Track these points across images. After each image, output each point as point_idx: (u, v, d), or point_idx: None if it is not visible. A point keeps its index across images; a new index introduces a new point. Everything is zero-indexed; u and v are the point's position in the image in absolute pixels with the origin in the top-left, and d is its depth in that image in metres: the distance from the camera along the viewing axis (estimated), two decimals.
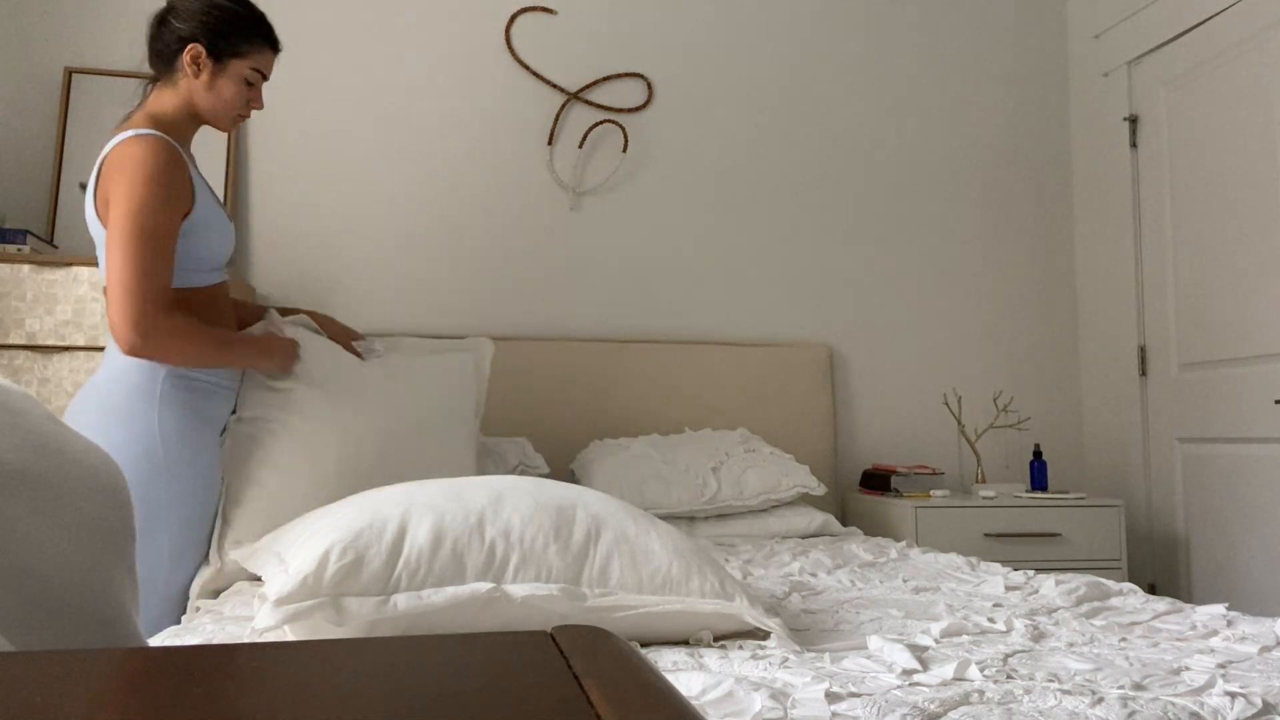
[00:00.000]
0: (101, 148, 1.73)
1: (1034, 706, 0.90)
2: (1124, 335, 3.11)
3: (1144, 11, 3.03)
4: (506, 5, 2.97)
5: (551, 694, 0.34)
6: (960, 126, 3.27)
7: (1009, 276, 3.27)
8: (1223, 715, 0.88)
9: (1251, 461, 2.66)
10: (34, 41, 2.66)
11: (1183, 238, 2.92)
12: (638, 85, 3.03)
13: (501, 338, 2.81)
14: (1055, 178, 3.34)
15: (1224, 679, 1.00)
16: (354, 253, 2.81)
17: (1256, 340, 2.65)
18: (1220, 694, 0.93)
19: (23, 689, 0.33)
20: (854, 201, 3.17)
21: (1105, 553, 2.70)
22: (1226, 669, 1.05)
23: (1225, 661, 1.08)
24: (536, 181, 2.95)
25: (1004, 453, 3.17)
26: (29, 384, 2.18)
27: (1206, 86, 2.83)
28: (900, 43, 3.25)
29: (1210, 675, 0.99)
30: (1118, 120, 3.14)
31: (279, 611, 1.01)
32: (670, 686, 0.36)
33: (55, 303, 2.20)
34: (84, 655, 0.38)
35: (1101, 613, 1.41)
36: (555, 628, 0.45)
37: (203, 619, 1.50)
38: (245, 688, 0.35)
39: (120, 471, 0.66)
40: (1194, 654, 1.12)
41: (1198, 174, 2.86)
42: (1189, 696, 0.93)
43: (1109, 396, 3.17)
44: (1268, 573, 2.61)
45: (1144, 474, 3.03)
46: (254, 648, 0.41)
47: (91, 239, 2.57)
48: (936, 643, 1.17)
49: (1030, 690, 0.95)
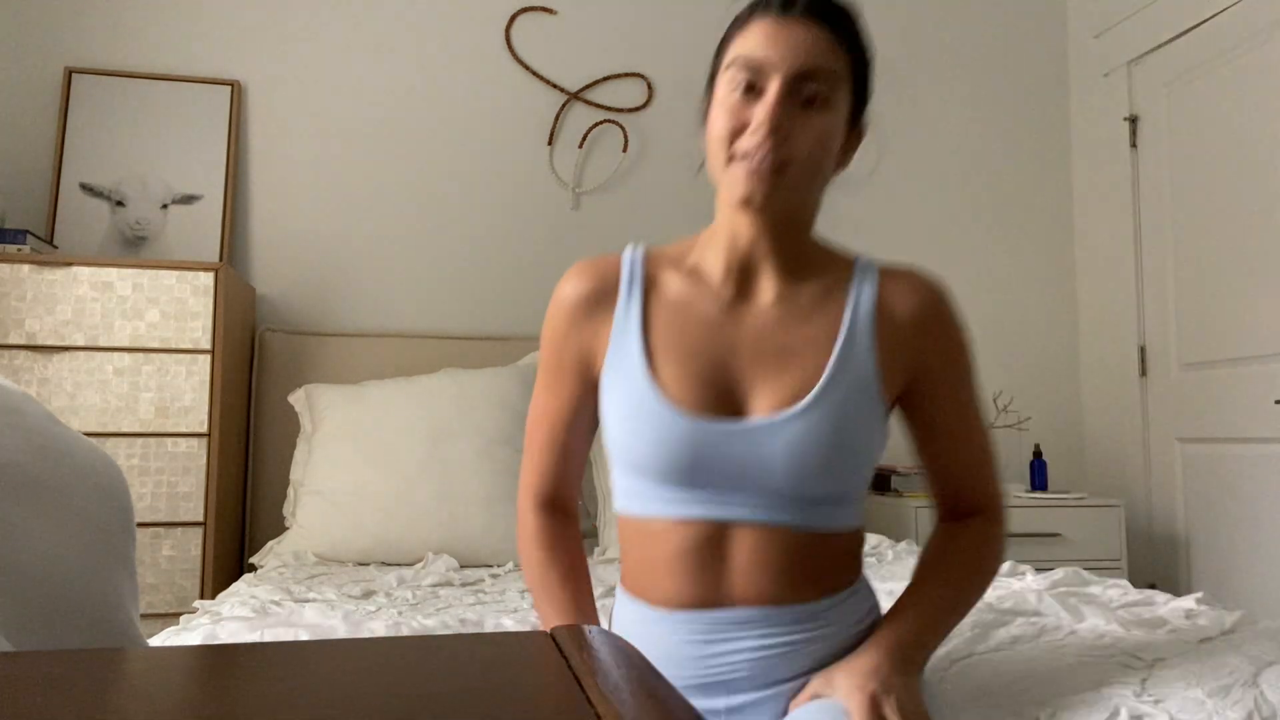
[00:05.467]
0: (101, 147, 1.69)
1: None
2: (1124, 335, 3.11)
3: (1144, 11, 3.03)
4: (506, 5, 2.97)
5: (551, 694, 0.34)
6: (960, 126, 3.27)
7: (1009, 277, 3.26)
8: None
9: (1251, 461, 2.66)
10: (34, 41, 2.66)
11: (1183, 238, 2.91)
12: (638, 85, 3.03)
13: (502, 337, 2.80)
14: (1055, 178, 3.34)
15: (1144, 686, 0.99)
16: (354, 252, 2.81)
17: (1256, 340, 2.65)
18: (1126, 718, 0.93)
19: (23, 689, 0.33)
20: (853, 201, 3.16)
21: (1105, 553, 2.70)
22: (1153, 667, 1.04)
23: (1156, 659, 1.07)
24: (537, 181, 2.95)
25: (1004, 453, 3.16)
26: (29, 384, 2.18)
27: (1206, 86, 2.83)
28: (900, 42, 3.24)
29: (1114, 706, 0.96)
30: (1118, 120, 3.14)
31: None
32: (670, 687, 0.36)
33: (55, 303, 2.20)
34: (84, 655, 0.38)
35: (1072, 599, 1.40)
36: (555, 628, 0.45)
37: (202, 619, 1.50)
38: (245, 688, 0.35)
39: (120, 472, 0.66)
40: (1130, 651, 1.11)
41: (1198, 174, 2.86)
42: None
43: (1109, 396, 3.17)
44: (1268, 573, 2.61)
45: (1144, 474, 3.03)
46: (254, 648, 0.41)
47: (91, 239, 2.57)
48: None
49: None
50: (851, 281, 1.01)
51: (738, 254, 1.00)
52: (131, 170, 2.63)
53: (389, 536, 2.18)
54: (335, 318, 2.77)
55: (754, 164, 0.91)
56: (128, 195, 2.62)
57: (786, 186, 0.93)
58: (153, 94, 2.69)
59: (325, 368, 2.62)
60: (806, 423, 0.92)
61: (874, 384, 0.96)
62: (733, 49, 0.97)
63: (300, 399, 2.44)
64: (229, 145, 2.72)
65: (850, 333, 0.97)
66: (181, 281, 2.27)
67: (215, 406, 2.25)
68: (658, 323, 0.99)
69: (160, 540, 2.20)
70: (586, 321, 1.03)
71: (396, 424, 2.31)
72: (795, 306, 0.98)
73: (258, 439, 2.57)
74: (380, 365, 2.64)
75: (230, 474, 2.40)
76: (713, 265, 1.00)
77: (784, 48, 0.92)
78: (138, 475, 2.20)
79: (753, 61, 0.93)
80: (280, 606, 1.58)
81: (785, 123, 0.91)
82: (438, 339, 2.74)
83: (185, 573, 2.21)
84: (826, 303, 0.99)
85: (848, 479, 0.95)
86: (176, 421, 2.23)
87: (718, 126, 0.96)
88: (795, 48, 0.92)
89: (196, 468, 2.23)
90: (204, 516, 2.23)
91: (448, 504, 2.20)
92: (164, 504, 2.21)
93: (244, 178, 2.76)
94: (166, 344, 2.25)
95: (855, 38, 0.98)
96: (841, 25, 0.96)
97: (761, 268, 1.00)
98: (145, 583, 2.19)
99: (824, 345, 0.96)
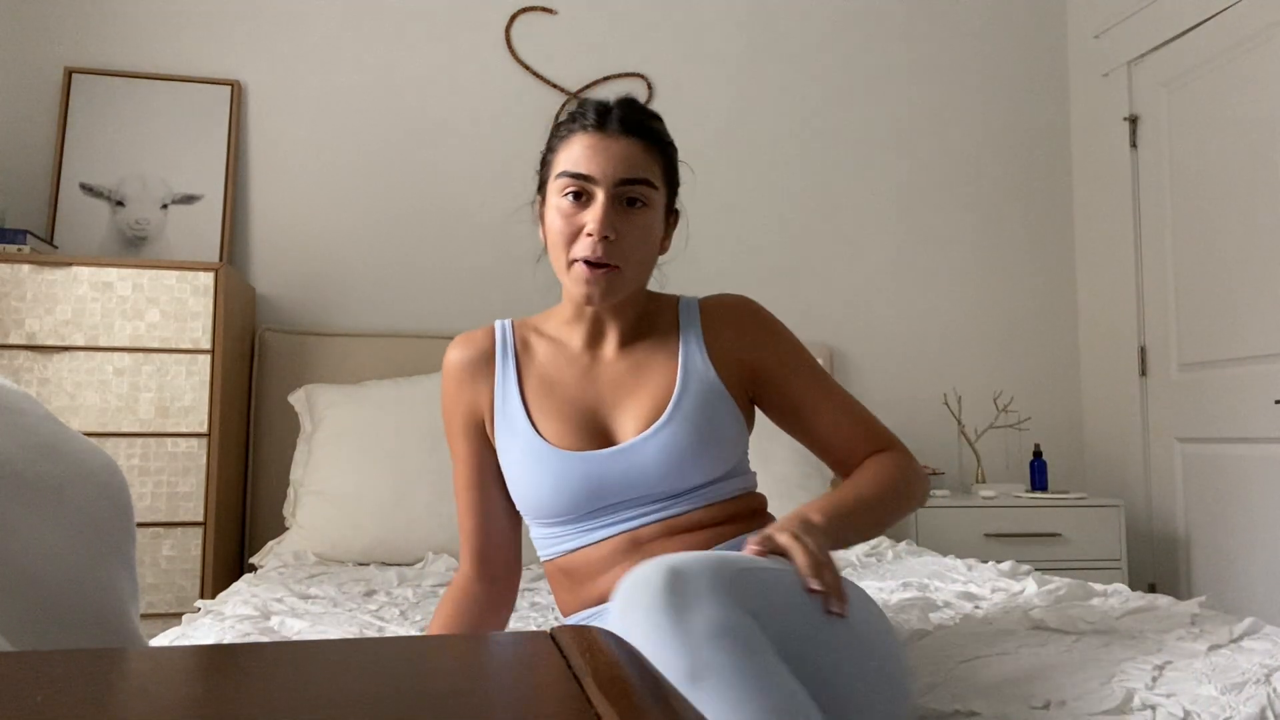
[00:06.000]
0: (101, 147, 1.68)
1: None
2: (1124, 335, 3.11)
3: (1144, 11, 3.03)
4: (506, 5, 2.97)
5: (551, 694, 0.34)
6: (960, 126, 3.27)
7: (1009, 276, 3.26)
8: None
9: (1251, 461, 2.66)
10: (34, 41, 2.66)
11: (1183, 238, 2.91)
12: (638, 85, 3.03)
13: None
14: (1055, 178, 3.34)
15: (1154, 683, 0.98)
16: (354, 252, 2.81)
17: (1256, 340, 2.65)
18: (1140, 707, 0.92)
19: (23, 689, 0.33)
20: (853, 201, 3.17)
21: (1105, 553, 2.70)
22: (1163, 670, 1.03)
23: (1164, 662, 1.06)
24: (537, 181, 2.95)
25: (1004, 453, 3.17)
26: (29, 384, 2.18)
27: (1206, 86, 2.83)
28: (900, 43, 3.24)
29: (1127, 692, 0.96)
30: (1118, 120, 3.14)
31: None
32: (670, 686, 0.36)
33: (55, 303, 2.20)
34: (84, 655, 0.38)
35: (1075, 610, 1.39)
36: (555, 628, 0.45)
37: (203, 619, 1.50)
38: (245, 688, 0.35)
39: (120, 472, 0.66)
40: (1138, 656, 1.10)
41: (1198, 174, 2.86)
42: (1104, 716, 0.92)
43: (1109, 396, 3.17)
44: (1268, 573, 2.60)
45: (1144, 474, 3.03)
46: (254, 648, 0.41)
47: (91, 239, 2.57)
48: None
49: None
50: (678, 317, 1.22)
51: (587, 327, 1.19)
52: (131, 170, 2.63)
53: (389, 536, 2.18)
54: (335, 318, 2.77)
55: (589, 274, 1.09)
56: (128, 195, 2.62)
57: (619, 285, 1.11)
58: (153, 94, 2.69)
59: (325, 368, 2.62)
60: (668, 433, 1.10)
61: (718, 386, 1.15)
62: (559, 161, 1.13)
63: (300, 399, 2.44)
64: (229, 145, 2.71)
65: (686, 355, 1.17)
66: (181, 281, 2.27)
67: (215, 406, 2.25)
68: (531, 382, 1.17)
69: (160, 540, 2.20)
70: (470, 384, 1.19)
71: (396, 424, 2.31)
72: (639, 352, 1.19)
73: (258, 439, 2.57)
74: (380, 365, 2.64)
75: (230, 474, 2.40)
76: (568, 336, 1.20)
77: (604, 162, 1.09)
78: (138, 475, 2.20)
79: (579, 174, 1.10)
80: (282, 603, 1.57)
81: (612, 228, 1.08)
82: (438, 339, 2.74)
83: (185, 573, 2.21)
84: (664, 340, 1.19)
85: (718, 465, 1.12)
86: (176, 421, 2.23)
87: (555, 232, 1.12)
88: (614, 160, 1.09)
89: (196, 468, 2.23)
90: (204, 516, 2.23)
91: (448, 504, 2.20)
92: (164, 504, 2.21)
93: (244, 178, 2.76)
94: (166, 344, 2.24)
95: (663, 141, 1.16)
96: (652, 135, 1.14)
97: (607, 333, 1.20)
98: (145, 583, 2.19)
99: (667, 373, 1.15)
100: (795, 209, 3.12)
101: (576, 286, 1.10)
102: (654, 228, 1.14)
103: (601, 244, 1.07)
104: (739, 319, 1.21)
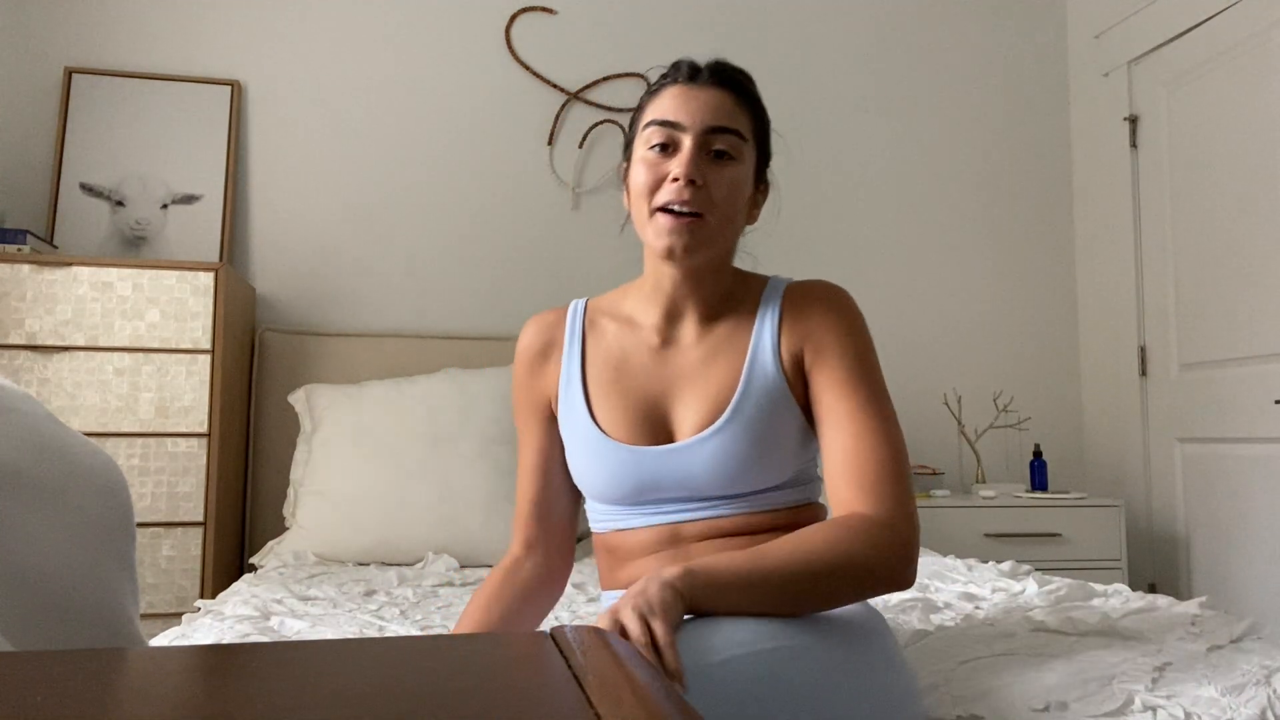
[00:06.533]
0: (101, 147, 1.69)
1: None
2: (1124, 335, 3.11)
3: (1144, 11, 3.03)
4: (506, 5, 2.97)
5: (551, 694, 0.34)
6: (960, 126, 3.27)
7: (1009, 276, 3.26)
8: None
9: (1251, 461, 2.66)
10: (34, 41, 2.66)
11: (1183, 238, 2.91)
12: (638, 85, 3.03)
13: (502, 338, 2.80)
14: (1055, 178, 3.34)
15: (1155, 684, 0.98)
16: (354, 252, 2.81)
17: (1256, 340, 2.65)
18: (1141, 709, 0.92)
19: (23, 689, 0.33)
20: (851, 201, 3.17)
21: (1105, 553, 2.70)
22: (1163, 671, 1.03)
23: (1165, 664, 1.06)
24: (537, 181, 2.95)
25: (1004, 453, 3.17)
26: (29, 384, 2.18)
27: (1206, 86, 2.83)
28: (900, 43, 3.25)
29: (1128, 694, 0.96)
30: (1118, 120, 3.14)
31: None
32: (669, 686, 0.36)
33: (55, 303, 2.20)
34: (84, 655, 0.38)
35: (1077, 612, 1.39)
36: (554, 628, 0.45)
37: (203, 619, 1.50)
38: (245, 688, 0.35)
39: (120, 472, 0.66)
40: (1138, 657, 1.10)
41: (1198, 174, 2.86)
42: (1105, 718, 0.92)
43: (1109, 396, 3.17)
44: (1268, 573, 2.60)
45: (1144, 474, 3.03)
46: (254, 648, 0.41)
47: (91, 239, 2.57)
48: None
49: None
50: (759, 305, 1.13)
51: (665, 302, 1.12)
52: (131, 170, 2.63)
53: (389, 536, 2.18)
54: (335, 318, 2.77)
55: (672, 223, 1.02)
56: (128, 195, 2.62)
57: (704, 237, 1.04)
58: (153, 94, 2.69)
59: (325, 368, 2.62)
60: (722, 439, 1.04)
61: (781, 387, 1.06)
62: (648, 114, 1.09)
63: (300, 399, 2.44)
64: (229, 145, 2.71)
65: (756, 348, 1.09)
66: (181, 281, 2.27)
67: (215, 406, 2.25)
68: (595, 368, 1.13)
69: (160, 540, 2.20)
70: (540, 369, 1.17)
71: (396, 424, 2.31)
72: (714, 338, 1.11)
73: (258, 439, 2.57)
74: (380, 365, 2.64)
75: (230, 474, 2.40)
76: (644, 314, 1.13)
77: (693, 109, 1.06)
78: (138, 475, 2.20)
79: (666, 122, 1.06)
80: (282, 604, 1.58)
81: (699, 173, 1.03)
82: (438, 339, 2.74)
83: (185, 573, 2.21)
84: (740, 326, 1.11)
85: (772, 474, 1.06)
86: (176, 421, 2.23)
87: (639, 181, 1.06)
88: (703, 108, 1.06)
89: (196, 468, 2.23)
90: (204, 516, 2.23)
91: (447, 504, 2.20)
92: (164, 504, 2.21)
93: (244, 178, 2.76)
94: (166, 344, 2.25)
95: (755, 101, 1.14)
96: (742, 90, 1.12)
97: (685, 312, 1.12)
98: (145, 583, 2.19)
99: (735, 366, 1.08)
100: (794, 209, 3.12)
101: (659, 239, 1.03)
102: (743, 183, 1.08)
103: (688, 188, 1.01)
104: (815, 304, 1.10)
